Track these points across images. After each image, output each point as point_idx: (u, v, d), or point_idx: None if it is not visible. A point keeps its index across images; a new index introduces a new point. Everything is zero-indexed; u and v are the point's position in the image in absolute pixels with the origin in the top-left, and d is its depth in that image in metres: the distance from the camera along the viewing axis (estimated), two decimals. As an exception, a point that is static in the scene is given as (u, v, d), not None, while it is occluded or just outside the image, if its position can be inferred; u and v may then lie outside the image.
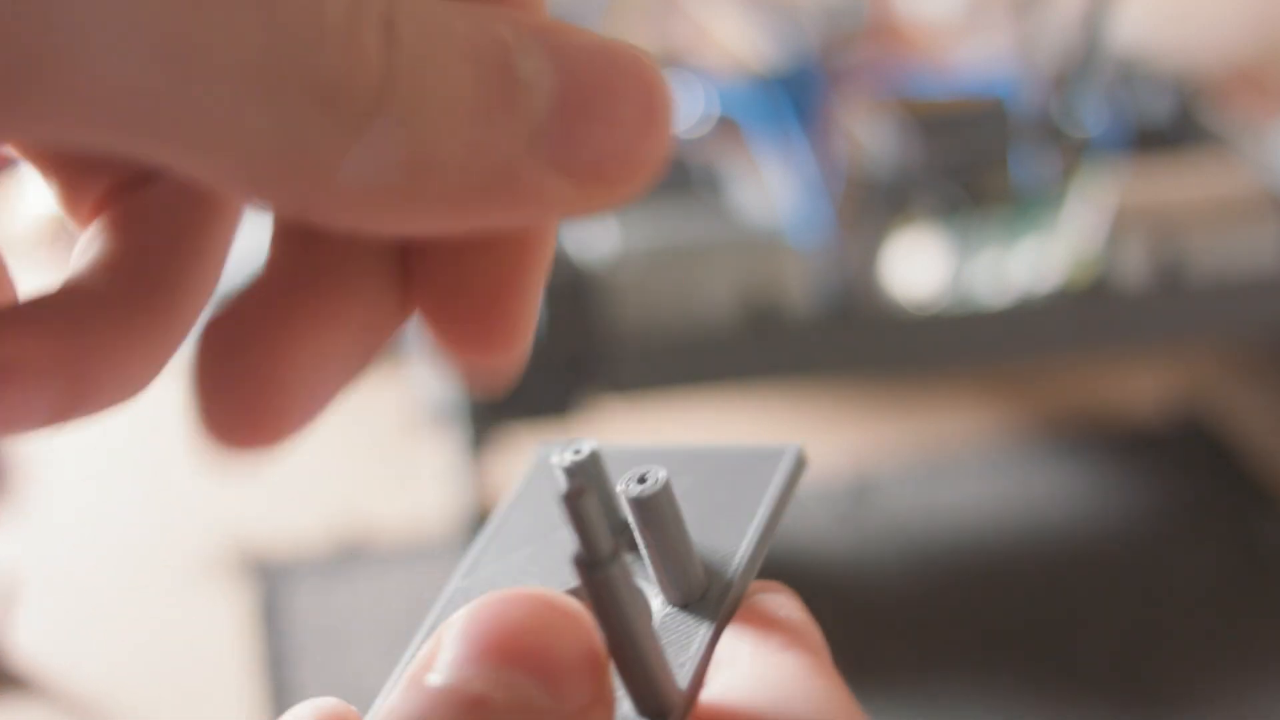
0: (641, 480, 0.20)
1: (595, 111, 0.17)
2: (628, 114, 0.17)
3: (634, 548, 0.21)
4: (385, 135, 0.15)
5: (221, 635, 0.59)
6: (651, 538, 0.20)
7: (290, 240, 0.19)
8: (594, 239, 0.60)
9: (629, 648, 0.18)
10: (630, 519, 0.20)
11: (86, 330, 0.18)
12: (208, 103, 0.15)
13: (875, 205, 0.64)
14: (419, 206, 0.16)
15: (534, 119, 0.16)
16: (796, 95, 0.68)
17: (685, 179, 0.68)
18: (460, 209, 0.16)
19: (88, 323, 0.19)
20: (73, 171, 0.20)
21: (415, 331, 0.19)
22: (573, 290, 0.59)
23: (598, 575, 0.18)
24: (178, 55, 0.14)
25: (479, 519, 0.60)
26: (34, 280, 0.20)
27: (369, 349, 0.19)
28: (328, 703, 0.20)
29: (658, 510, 0.20)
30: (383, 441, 0.70)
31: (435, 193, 0.16)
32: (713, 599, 0.20)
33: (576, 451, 0.21)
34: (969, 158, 0.65)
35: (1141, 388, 0.73)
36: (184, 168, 0.15)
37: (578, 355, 0.59)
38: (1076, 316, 0.64)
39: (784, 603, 0.20)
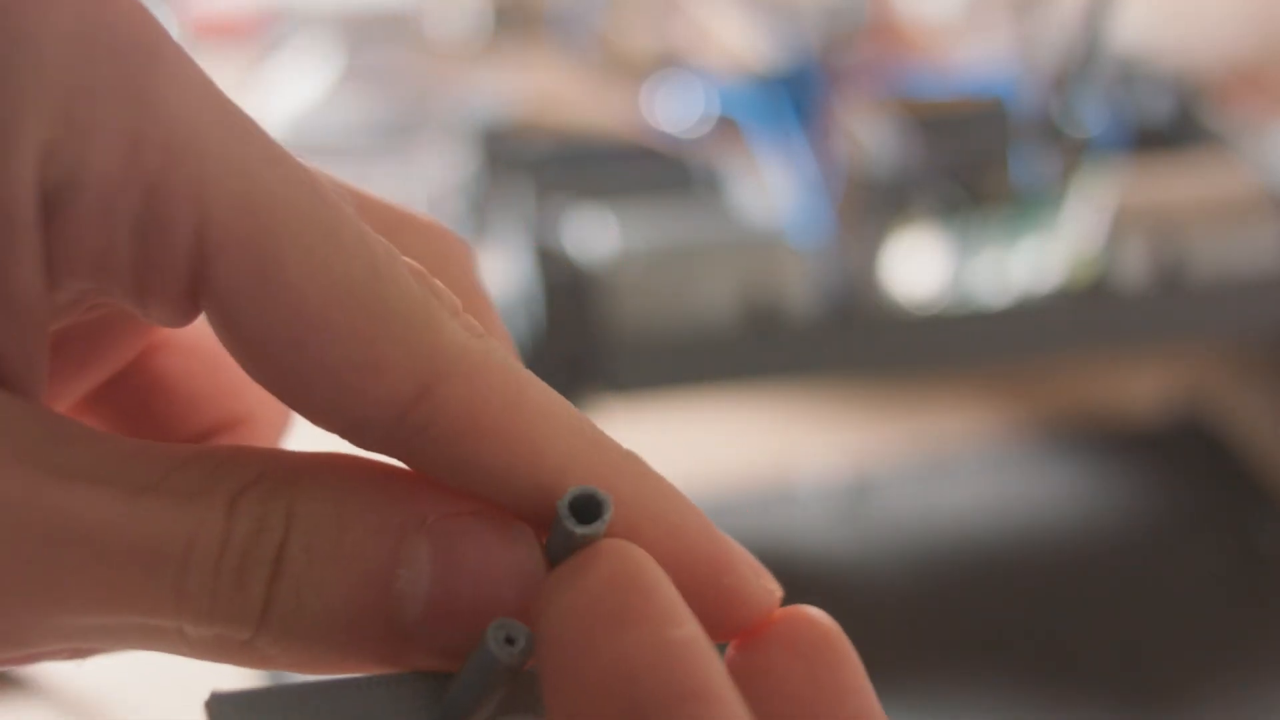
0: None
1: (465, 606, 0.18)
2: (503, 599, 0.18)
3: None
4: (261, 651, 0.18)
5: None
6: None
7: None
8: (594, 239, 0.60)
9: None
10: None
11: None
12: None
13: (875, 205, 0.63)
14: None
15: (405, 622, 0.18)
16: (796, 95, 0.68)
17: (685, 179, 0.68)
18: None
19: None
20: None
21: None
22: (573, 290, 0.59)
23: None
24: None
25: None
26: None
27: None
28: None
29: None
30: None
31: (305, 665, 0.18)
32: None
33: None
34: (969, 158, 0.65)
35: (1141, 388, 0.73)
36: None
37: (577, 355, 0.59)
38: (1076, 316, 0.64)
39: None
